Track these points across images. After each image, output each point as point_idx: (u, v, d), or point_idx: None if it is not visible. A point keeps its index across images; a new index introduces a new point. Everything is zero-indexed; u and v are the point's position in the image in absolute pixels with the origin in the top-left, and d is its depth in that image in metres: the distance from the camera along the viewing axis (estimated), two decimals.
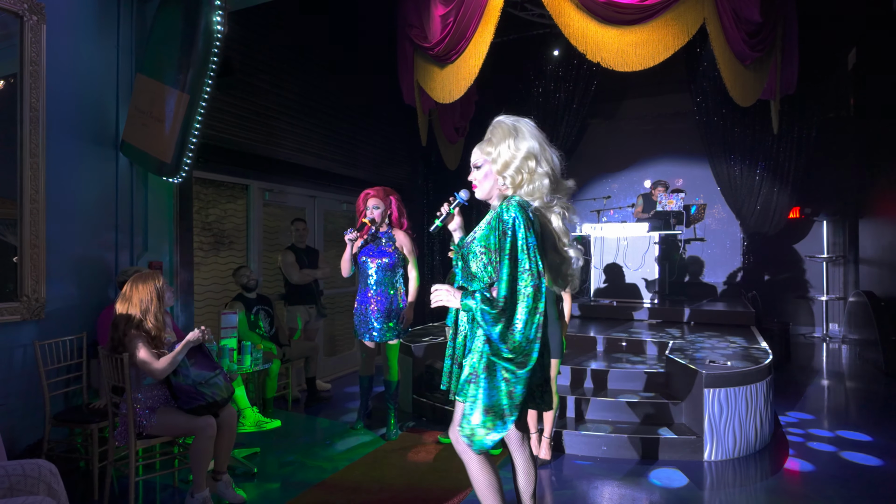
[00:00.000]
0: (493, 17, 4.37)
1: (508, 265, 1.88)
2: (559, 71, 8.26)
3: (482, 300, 1.88)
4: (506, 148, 1.98)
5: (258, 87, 5.10)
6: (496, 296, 1.90)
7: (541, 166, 1.98)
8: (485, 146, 2.05)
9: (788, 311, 8.12)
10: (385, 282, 3.94)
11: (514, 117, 2.05)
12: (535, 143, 1.99)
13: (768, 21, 4.63)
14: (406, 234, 4.02)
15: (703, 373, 3.62)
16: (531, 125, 2.04)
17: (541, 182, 1.98)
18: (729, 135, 7.59)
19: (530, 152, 1.97)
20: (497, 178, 2.02)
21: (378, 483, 3.25)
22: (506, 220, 1.91)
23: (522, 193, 1.99)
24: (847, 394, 5.36)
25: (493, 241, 1.96)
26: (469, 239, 2.08)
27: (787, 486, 3.31)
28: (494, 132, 2.03)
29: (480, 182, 2.07)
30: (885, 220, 6.62)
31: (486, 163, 2.03)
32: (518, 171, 1.98)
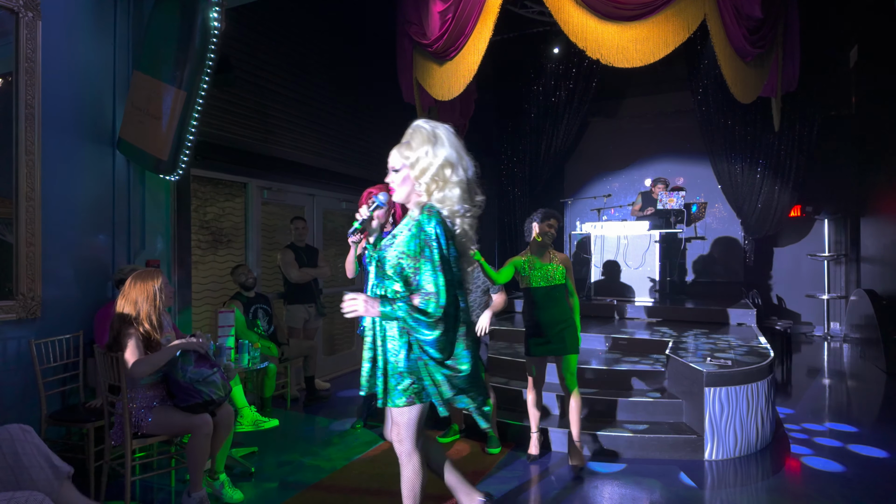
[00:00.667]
0: (491, 14, 4.35)
1: (441, 274, 1.92)
2: (559, 69, 8.23)
3: (412, 309, 1.91)
4: (424, 154, 1.99)
5: (256, 85, 5.08)
6: (430, 304, 1.91)
7: (456, 175, 2.00)
8: (403, 150, 2.04)
9: (790, 310, 8.09)
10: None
11: (433, 122, 2.06)
12: (452, 151, 2.00)
13: (769, 17, 4.60)
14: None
15: (703, 371, 3.59)
16: (449, 132, 2.05)
17: (452, 191, 1.99)
18: (730, 133, 7.56)
19: (448, 160, 1.98)
20: (414, 182, 2.03)
21: (377, 482, 3.22)
22: (429, 233, 1.94)
23: (434, 200, 2.01)
24: (849, 393, 5.34)
25: (413, 248, 1.97)
26: (388, 243, 2.06)
27: (788, 485, 3.29)
28: (414, 137, 2.04)
29: (399, 186, 2.07)
30: (886, 218, 6.59)
31: (404, 167, 2.04)
32: (433, 179, 1.99)
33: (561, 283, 3.43)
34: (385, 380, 2.05)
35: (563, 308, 3.42)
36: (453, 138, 2.05)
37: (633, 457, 3.57)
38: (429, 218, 1.96)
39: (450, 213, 2.02)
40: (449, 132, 2.05)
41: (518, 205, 8.75)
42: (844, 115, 7.81)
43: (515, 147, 8.75)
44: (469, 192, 2.05)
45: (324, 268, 5.23)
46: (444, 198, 2.01)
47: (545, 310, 3.41)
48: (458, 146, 2.05)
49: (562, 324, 3.38)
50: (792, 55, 5.36)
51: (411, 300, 1.94)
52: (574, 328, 3.41)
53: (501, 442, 3.77)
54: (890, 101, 6.33)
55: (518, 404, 4.13)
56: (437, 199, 2.01)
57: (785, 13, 5.03)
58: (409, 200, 2.10)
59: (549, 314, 3.39)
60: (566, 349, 3.37)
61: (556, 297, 3.42)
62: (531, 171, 8.70)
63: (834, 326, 7.82)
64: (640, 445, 3.59)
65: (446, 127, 2.06)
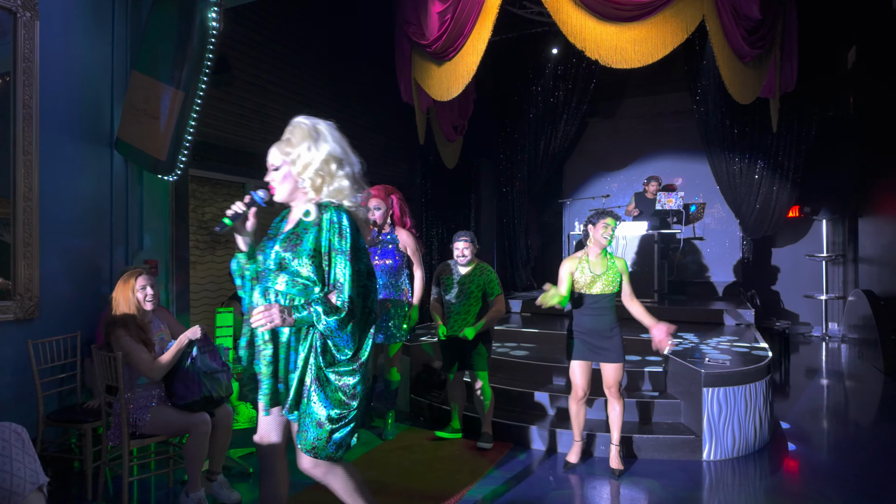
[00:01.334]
0: (490, 15, 4.35)
1: (350, 267, 1.87)
2: (558, 69, 8.23)
3: (328, 310, 1.84)
4: (305, 150, 1.93)
5: (255, 85, 5.07)
6: (340, 299, 1.86)
7: (342, 169, 1.95)
8: (283, 146, 1.97)
9: (788, 310, 8.10)
10: (390, 284, 3.90)
11: (314, 119, 1.99)
12: (336, 145, 1.96)
13: (768, 18, 4.61)
14: (409, 233, 3.95)
15: (702, 372, 3.59)
16: (332, 127, 2.00)
17: (341, 183, 1.95)
18: (728, 133, 7.56)
19: (332, 155, 1.94)
20: (297, 179, 1.96)
21: (375, 482, 3.22)
22: (341, 225, 1.89)
23: (324, 195, 1.96)
24: (846, 393, 5.34)
25: (324, 244, 1.90)
26: (291, 243, 1.93)
27: (786, 485, 3.29)
28: (294, 133, 1.97)
29: (279, 183, 1.98)
30: (884, 218, 6.60)
31: (284, 164, 1.96)
32: (318, 174, 1.93)
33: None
34: (295, 389, 1.93)
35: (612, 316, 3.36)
36: (336, 133, 1.99)
37: (630, 457, 3.57)
38: (337, 211, 1.91)
39: (349, 205, 1.96)
40: (331, 127, 1.99)
41: (516, 205, 8.75)
42: (843, 115, 7.82)
43: (514, 147, 8.74)
44: (358, 185, 1.99)
45: None
46: (334, 191, 1.95)
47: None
48: (343, 142, 1.99)
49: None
50: (790, 56, 5.37)
51: (328, 299, 1.87)
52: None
53: (500, 442, 3.77)
54: (888, 102, 6.34)
55: (518, 405, 4.14)
56: (329, 194, 1.95)
57: (783, 14, 5.04)
58: (294, 198, 2.01)
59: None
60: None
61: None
62: (530, 171, 8.70)
63: (832, 327, 7.83)
64: (639, 446, 3.60)
65: (329, 123, 2.00)
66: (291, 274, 1.91)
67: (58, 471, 3.19)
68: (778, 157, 7.42)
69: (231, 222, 1.99)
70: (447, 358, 3.87)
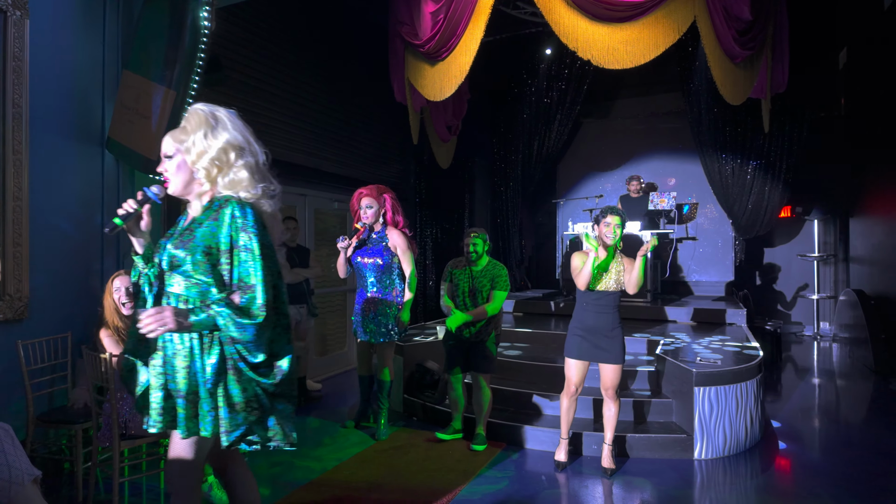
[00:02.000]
0: (483, 15, 4.35)
1: (261, 266, 1.72)
2: (552, 70, 8.25)
3: (235, 311, 1.68)
4: (201, 137, 1.78)
5: (247, 85, 5.06)
6: (254, 302, 1.70)
7: (242, 158, 1.81)
8: (178, 134, 1.82)
9: (780, 310, 8.15)
10: (381, 283, 3.90)
11: (212, 106, 1.84)
12: (237, 134, 1.82)
13: (759, 19, 4.63)
14: (401, 232, 3.94)
15: (693, 371, 3.61)
16: (233, 115, 1.87)
17: (239, 174, 1.80)
18: (720, 134, 7.60)
19: (230, 143, 1.80)
20: (192, 169, 1.80)
21: (367, 483, 3.22)
22: (245, 220, 1.74)
23: (221, 187, 1.81)
24: (837, 392, 5.38)
25: (223, 241, 1.75)
26: (184, 240, 1.77)
27: (776, 483, 3.31)
28: (189, 120, 1.82)
29: (173, 174, 1.81)
30: (875, 218, 6.65)
31: (178, 152, 1.80)
32: (213, 163, 1.78)
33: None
34: (190, 406, 1.74)
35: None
36: (237, 122, 1.85)
37: (622, 455, 3.58)
38: (239, 205, 1.76)
39: (248, 196, 1.81)
40: (232, 115, 1.86)
41: (510, 205, 8.76)
42: (834, 116, 7.88)
43: (508, 147, 8.76)
44: (262, 175, 1.84)
45: (315, 268, 5.22)
46: (231, 182, 1.79)
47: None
48: (245, 130, 1.86)
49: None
50: (781, 57, 5.41)
51: (231, 300, 1.71)
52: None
53: (493, 441, 3.78)
54: (878, 103, 6.40)
55: (510, 404, 4.14)
56: (225, 185, 1.79)
57: (774, 15, 5.07)
58: (190, 191, 1.84)
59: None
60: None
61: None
62: (523, 171, 8.72)
63: (823, 326, 7.88)
64: (631, 445, 3.61)
65: (230, 111, 1.87)
66: (184, 274, 1.76)
67: (48, 472, 3.17)
68: (770, 157, 7.47)
69: (122, 222, 1.82)
70: (451, 358, 3.82)
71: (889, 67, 5.96)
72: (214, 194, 1.82)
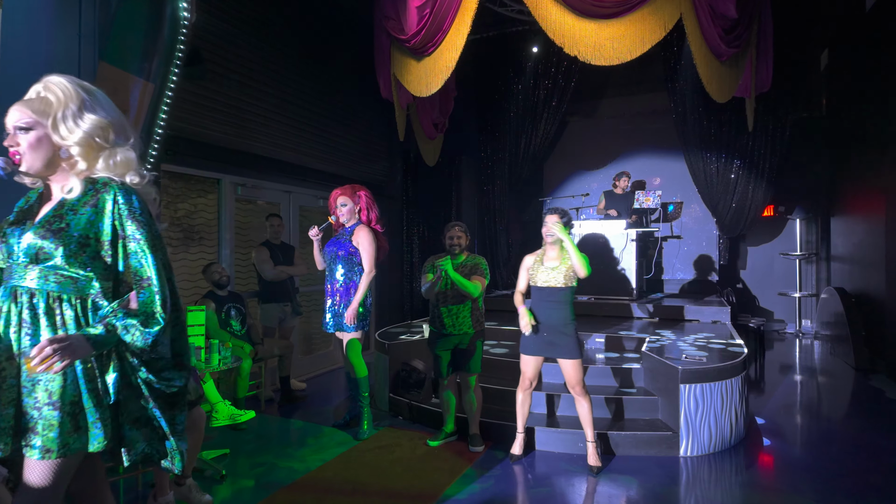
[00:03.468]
0: (469, 10, 4.33)
1: (155, 259, 1.54)
2: (539, 68, 8.25)
3: (139, 320, 1.49)
4: (74, 111, 1.54)
5: (230, 79, 4.97)
6: (152, 301, 1.52)
7: (124, 138, 1.62)
8: (36, 104, 1.54)
9: (763, 308, 8.24)
10: (343, 273, 3.94)
11: (79, 79, 1.59)
12: (116, 114, 1.62)
13: (744, 18, 4.67)
14: (369, 230, 4.00)
15: (679, 368, 3.61)
16: (106, 95, 1.65)
17: (126, 155, 1.60)
18: (705, 133, 7.66)
19: (111, 122, 1.59)
20: (58, 146, 1.55)
21: (350, 484, 3.17)
22: (134, 206, 1.55)
23: (100, 169, 1.58)
24: (819, 388, 5.44)
25: (105, 229, 1.54)
26: (49, 229, 1.52)
27: (760, 480, 3.32)
28: (52, 90, 1.55)
29: (31, 150, 1.53)
30: (855, 218, 6.74)
31: (38, 125, 1.53)
32: (92, 141, 1.55)
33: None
34: (68, 419, 1.47)
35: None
36: (113, 103, 1.64)
37: (608, 453, 3.57)
38: (123, 189, 1.55)
39: (133, 182, 1.60)
40: (106, 95, 1.64)
41: (497, 203, 8.75)
42: (816, 116, 7.98)
43: (495, 145, 8.74)
44: (140, 161, 1.66)
45: (300, 266, 5.15)
46: (116, 164, 1.57)
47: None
48: (120, 112, 1.64)
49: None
50: (765, 56, 5.46)
51: (129, 309, 1.50)
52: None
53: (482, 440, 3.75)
54: (858, 104, 6.48)
55: (496, 402, 4.12)
56: (107, 168, 1.57)
57: (759, 14, 5.11)
58: (52, 172, 1.59)
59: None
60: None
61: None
62: (510, 169, 8.71)
63: (805, 324, 7.98)
64: (616, 442, 3.60)
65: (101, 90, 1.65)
66: (52, 267, 1.51)
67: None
68: (753, 156, 7.54)
69: None
70: (439, 359, 3.76)
71: (869, 68, 6.04)
72: (90, 176, 1.59)
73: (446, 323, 3.68)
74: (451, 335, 3.68)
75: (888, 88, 5.46)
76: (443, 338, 3.71)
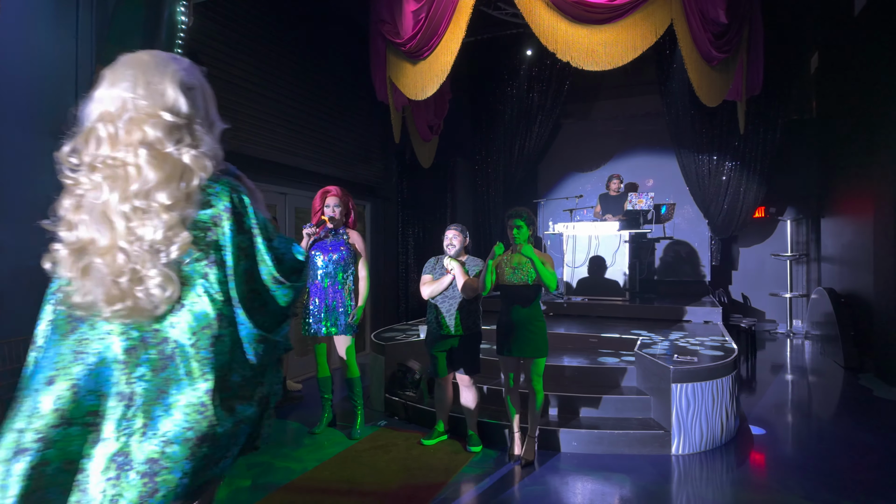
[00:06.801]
0: (464, 15, 4.37)
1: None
2: (533, 71, 8.31)
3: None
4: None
5: (226, 81, 4.99)
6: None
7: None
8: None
9: (754, 308, 8.33)
10: (332, 276, 3.95)
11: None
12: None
13: (734, 23, 4.73)
14: (359, 234, 4.09)
15: (670, 368, 3.67)
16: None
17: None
18: (697, 135, 7.74)
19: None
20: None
21: (347, 483, 3.21)
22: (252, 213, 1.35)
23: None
24: (809, 387, 5.52)
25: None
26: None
27: (751, 477, 3.39)
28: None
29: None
30: (844, 219, 6.84)
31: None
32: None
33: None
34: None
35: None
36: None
37: (602, 452, 3.62)
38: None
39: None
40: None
41: (492, 205, 8.80)
42: (806, 119, 8.09)
43: (489, 148, 8.80)
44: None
45: None
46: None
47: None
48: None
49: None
50: (756, 60, 5.53)
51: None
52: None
53: None
54: (848, 107, 6.58)
55: (491, 402, 4.16)
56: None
57: (749, 19, 5.18)
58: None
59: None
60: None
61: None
62: (505, 171, 8.77)
63: (796, 324, 8.07)
64: (610, 441, 3.65)
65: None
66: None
67: None
68: (745, 158, 7.63)
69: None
70: (436, 359, 3.79)
71: (858, 71, 6.13)
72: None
73: (443, 324, 3.72)
74: (448, 336, 3.72)
75: (877, 91, 5.55)
76: (440, 338, 3.75)
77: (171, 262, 1.17)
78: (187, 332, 1.17)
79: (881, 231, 5.51)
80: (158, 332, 1.17)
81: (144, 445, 1.12)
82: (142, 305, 1.16)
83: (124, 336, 1.17)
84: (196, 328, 1.17)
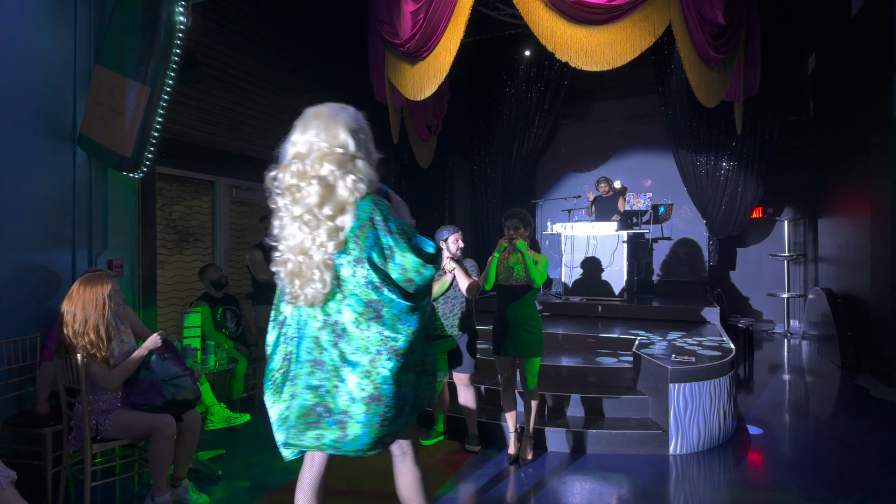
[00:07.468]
0: (463, 15, 4.37)
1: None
2: (531, 71, 8.32)
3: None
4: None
5: (225, 82, 4.99)
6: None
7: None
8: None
9: (752, 308, 8.34)
10: None
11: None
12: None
13: (732, 24, 4.74)
14: None
15: (668, 368, 3.68)
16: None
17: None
18: (695, 136, 7.76)
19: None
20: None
21: (346, 484, 3.20)
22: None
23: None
24: (806, 387, 5.53)
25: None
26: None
27: (748, 477, 3.39)
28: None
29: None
30: (841, 219, 6.86)
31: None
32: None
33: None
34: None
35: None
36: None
37: (600, 452, 3.63)
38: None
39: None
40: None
41: (490, 205, 8.81)
42: (803, 119, 8.10)
43: (488, 148, 8.81)
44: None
45: None
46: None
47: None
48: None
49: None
50: (753, 61, 5.55)
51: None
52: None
53: None
54: (845, 107, 6.59)
55: (489, 402, 4.16)
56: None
57: (747, 20, 5.20)
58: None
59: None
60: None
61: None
62: (503, 171, 8.77)
63: (793, 324, 8.09)
64: (608, 441, 3.66)
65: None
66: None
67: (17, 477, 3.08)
68: (742, 159, 7.65)
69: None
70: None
71: (855, 72, 6.15)
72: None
73: (444, 324, 3.73)
74: (445, 336, 3.73)
75: (873, 92, 5.57)
76: (440, 339, 3.76)
77: (331, 259, 1.64)
78: (351, 317, 1.63)
79: (878, 231, 5.53)
80: (330, 315, 1.67)
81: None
82: (315, 294, 1.65)
83: (313, 318, 1.72)
84: (357, 312, 1.63)
